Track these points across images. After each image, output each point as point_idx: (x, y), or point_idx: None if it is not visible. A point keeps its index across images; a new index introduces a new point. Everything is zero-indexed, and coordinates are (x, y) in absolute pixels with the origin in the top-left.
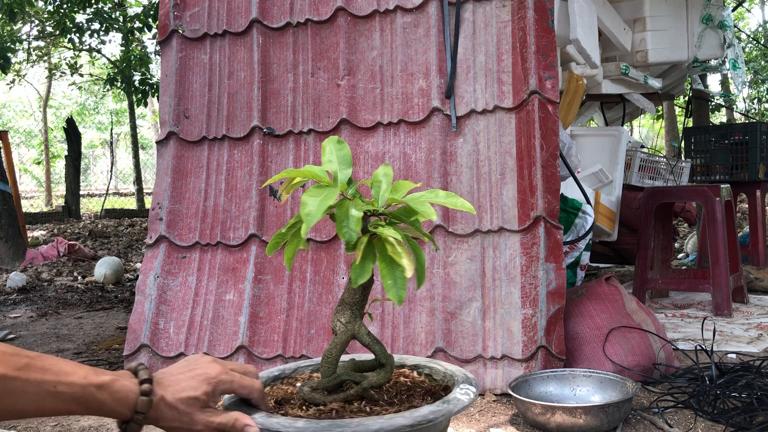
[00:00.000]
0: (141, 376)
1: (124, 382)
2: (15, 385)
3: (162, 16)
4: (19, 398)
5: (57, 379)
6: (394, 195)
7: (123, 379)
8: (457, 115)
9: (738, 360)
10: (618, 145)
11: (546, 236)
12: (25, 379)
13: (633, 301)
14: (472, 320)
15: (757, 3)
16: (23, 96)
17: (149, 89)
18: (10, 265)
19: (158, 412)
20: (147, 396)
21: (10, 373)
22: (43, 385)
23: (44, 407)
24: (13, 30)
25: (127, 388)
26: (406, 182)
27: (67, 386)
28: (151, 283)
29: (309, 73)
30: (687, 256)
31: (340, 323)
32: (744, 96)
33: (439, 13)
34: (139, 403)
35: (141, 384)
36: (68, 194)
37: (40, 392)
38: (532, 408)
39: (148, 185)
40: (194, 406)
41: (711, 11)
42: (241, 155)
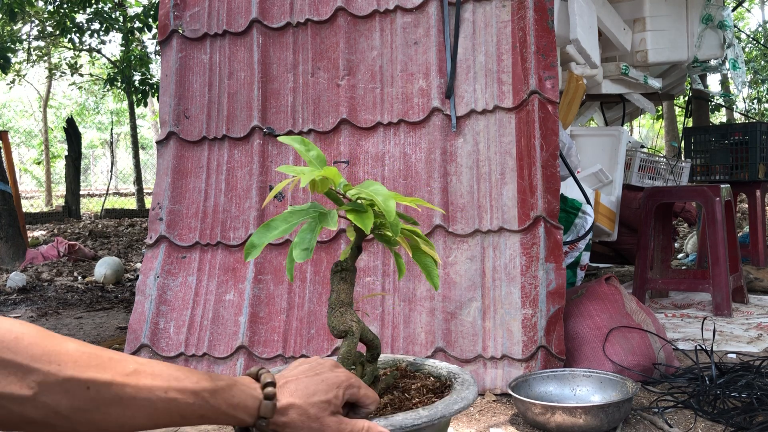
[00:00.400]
0: (264, 379)
1: (243, 387)
2: (123, 392)
3: (162, 16)
4: (128, 406)
5: (168, 384)
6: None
7: (242, 384)
8: (457, 115)
9: (738, 360)
10: (618, 145)
11: (546, 236)
12: (132, 385)
13: (633, 301)
14: (472, 320)
15: (757, 3)
16: (23, 96)
17: (149, 89)
18: (11, 265)
19: (285, 418)
20: (271, 400)
21: (117, 379)
22: (153, 391)
23: (156, 415)
24: (13, 30)
25: (246, 393)
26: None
27: (180, 392)
28: (151, 283)
29: (309, 73)
30: (687, 256)
31: (354, 323)
32: (744, 96)
33: (439, 13)
34: (262, 407)
35: (264, 388)
36: (68, 194)
37: (151, 399)
38: (532, 408)
39: (148, 185)
40: (326, 410)
41: (711, 11)
42: (241, 155)
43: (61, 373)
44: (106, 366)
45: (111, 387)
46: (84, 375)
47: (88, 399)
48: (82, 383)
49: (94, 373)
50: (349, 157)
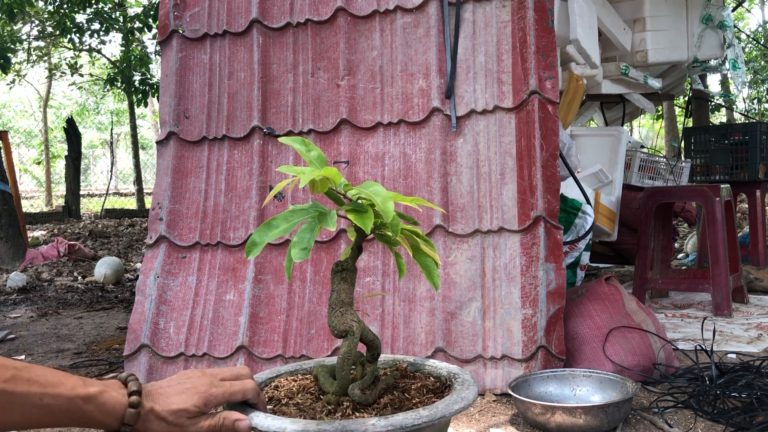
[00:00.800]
0: (130, 387)
1: (112, 394)
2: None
3: (162, 16)
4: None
5: (44, 391)
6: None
7: (111, 390)
8: (457, 115)
9: (738, 360)
10: (618, 145)
11: (546, 236)
12: (10, 392)
13: (633, 301)
14: (472, 320)
15: (757, 3)
16: (23, 96)
17: (149, 89)
18: (11, 265)
19: (146, 424)
20: (135, 408)
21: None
22: (29, 397)
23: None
24: (13, 30)
25: (114, 399)
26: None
27: (54, 398)
28: (151, 283)
29: (309, 73)
30: (687, 256)
31: (354, 323)
32: (744, 96)
33: (439, 13)
34: (126, 415)
35: (129, 396)
36: (68, 194)
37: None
38: (532, 408)
39: (148, 185)
40: (183, 417)
41: (711, 11)
42: (241, 155)
43: None
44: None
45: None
46: None
47: None
48: None
49: None
50: (349, 157)
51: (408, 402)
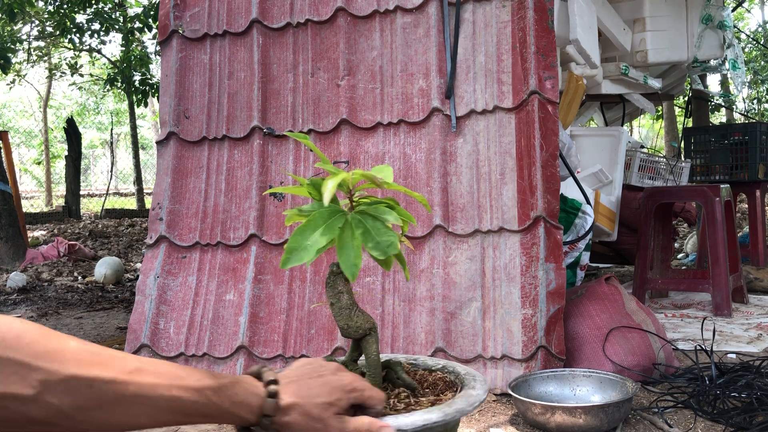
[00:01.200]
0: (266, 377)
1: (245, 385)
2: (126, 390)
3: (162, 16)
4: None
5: (171, 382)
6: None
7: (244, 382)
8: (457, 115)
9: (738, 360)
10: (618, 145)
11: (546, 236)
12: (137, 384)
13: (633, 301)
14: (472, 320)
15: (757, 3)
16: (23, 96)
17: (149, 89)
18: (11, 265)
19: (289, 416)
20: (274, 398)
21: (120, 377)
22: (157, 389)
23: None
24: (14, 30)
25: (248, 390)
26: None
27: (183, 390)
28: (151, 283)
29: (309, 74)
30: (687, 256)
31: (371, 321)
32: (744, 96)
33: (439, 14)
34: (265, 405)
35: (267, 385)
36: (68, 194)
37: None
38: (532, 408)
39: (148, 185)
40: (328, 411)
41: (711, 11)
42: (241, 155)
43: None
44: (108, 364)
45: (114, 385)
46: (86, 373)
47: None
48: (85, 381)
49: (96, 371)
50: (349, 157)
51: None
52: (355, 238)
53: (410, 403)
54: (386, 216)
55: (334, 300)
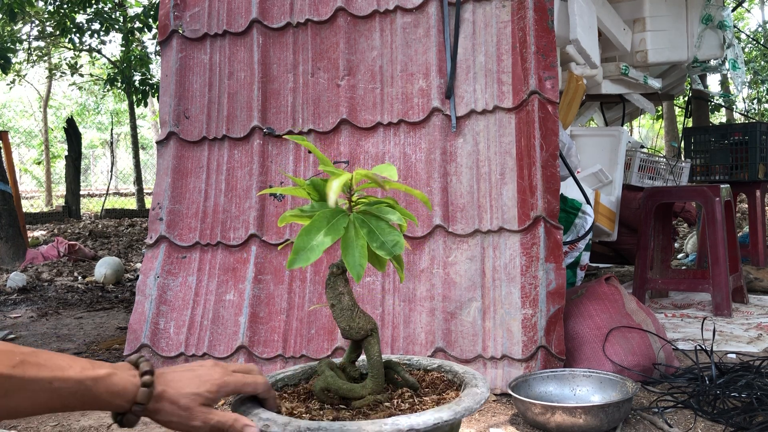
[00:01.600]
0: (142, 368)
1: (123, 375)
2: (11, 384)
3: (162, 16)
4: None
5: (53, 375)
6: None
7: (121, 372)
8: (457, 115)
9: (738, 360)
10: (618, 145)
11: (546, 236)
12: (20, 377)
13: (633, 301)
14: (472, 320)
15: (757, 3)
16: (23, 96)
17: (149, 89)
18: (11, 265)
19: (158, 405)
20: (148, 387)
21: (5, 372)
22: (39, 382)
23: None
24: (14, 30)
25: (125, 380)
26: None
27: (63, 381)
28: (151, 283)
29: (309, 73)
30: (687, 256)
31: (372, 321)
32: (744, 96)
33: (439, 13)
34: (139, 394)
35: (142, 375)
36: (68, 194)
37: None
38: (532, 408)
39: (148, 185)
40: (195, 402)
41: (711, 11)
42: (241, 155)
43: None
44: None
45: None
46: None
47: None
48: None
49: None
50: (349, 158)
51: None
52: (360, 237)
53: (414, 402)
54: (389, 215)
55: (335, 301)
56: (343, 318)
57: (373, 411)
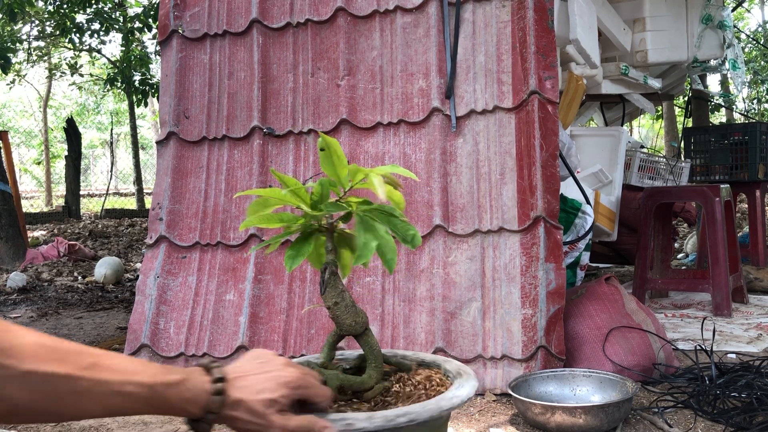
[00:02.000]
0: (214, 374)
1: (195, 381)
2: (81, 385)
3: (162, 16)
4: (85, 398)
5: (125, 378)
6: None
7: (193, 378)
8: (456, 115)
9: (738, 360)
10: (618, 145)
11: (546, 236)
12: (90, 379)
13: (633, 301)
14: (472, 320)
15: (757, 3)
16: (23, 96)
17: (149, 89)
18: (11, 265)
19: (233, 413)
20: (220, 395)
21: (75, 373)
22: (110, 385)
23: (111, 407)
24: (14, 30)
25: (197, 386)
26: None
27: (135, 386)
28: (151, 283)
29: (309, 73)
30: (687, 256)
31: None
32: (744, 96)
33: (439, 13)
34: (210, 402)
35: (214, 383)
36: (68, 194)
37: (107, 392)
38: (532, 408)
39: (148, 185)
40: (272, 408)
41: (711, 11)
42: (241, 155)
43: (20, 366)
44: (64, 359)
45: (69, 380)
46: (43, 369)
47: (46, 392)
48: (41, 377)
49: (52, 367)
50: (349, 157)
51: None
52: (388, 233)
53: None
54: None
55: (338, 299)
56: (349, 314)
57: (392, 398)
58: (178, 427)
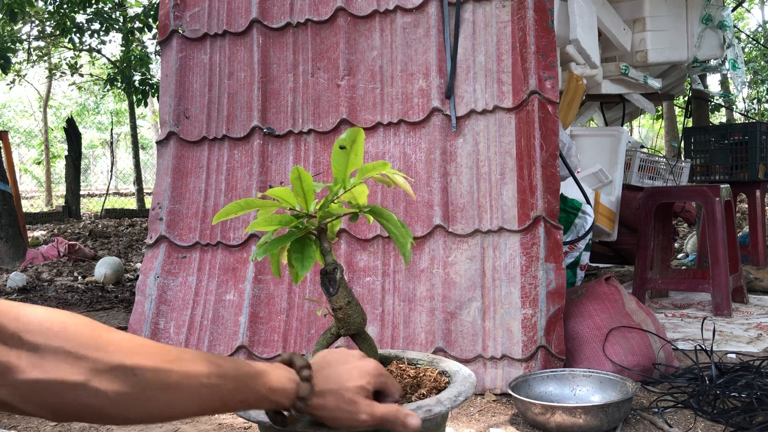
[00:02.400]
0: (299, 363)
1: (279, 372)
2: (170, 378)
3: (162, 16)
4: (175, 392)
5: (210, 370)
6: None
7: (277, 369)
8: (457, 115)
9: (738, 360)
10: (618, 145)
11: (546, 236)
12: (179, 372)
13: (633, 301)
14: (472, 320)
15: (757, 3)
16: (23, 96)
17: (149, 89)
18: (11, 265)
19: (322, 400)
20: (309, 382)
21: (163, 366)
22: (197, 377)
23: (201, 402)
24: (14, 30)
25: (283, 376)
26: None
27: (221, 378)
28: (151, 283)
29: (309, 73)
30: (687, 256)
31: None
32: (744, 96)
33: (439, 13)
34: (301, 389)
35: (300, 371)
36: (68, 194)
37: (195, 385)
38: (532, 408)
39: (148, 185)
40: (360, 394)
41: (711, 11)
42: (241, 155)
43: (109, 359)
44: (150, 353)
45: (157, 373)
46: (131, 361)
47: (135, 384)
48: (129, 369)
49: (140, 360)
50: None
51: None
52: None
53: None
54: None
55: (350, 299)
56: (358, 313)
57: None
58: (178, 427)
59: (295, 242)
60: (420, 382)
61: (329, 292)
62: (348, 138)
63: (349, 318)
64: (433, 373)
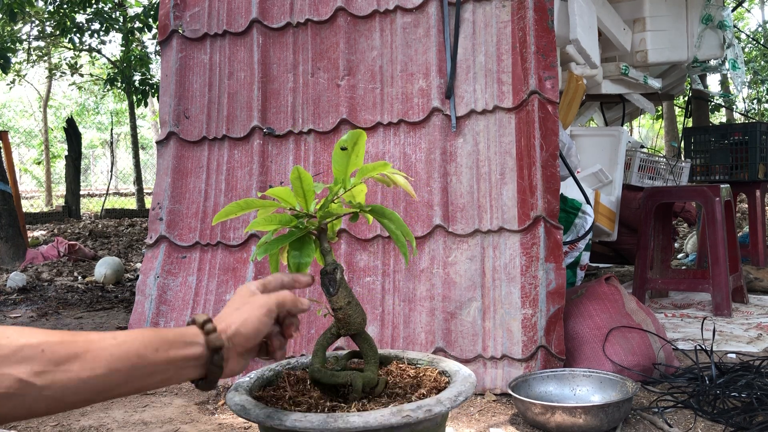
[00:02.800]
0: (199, 318)
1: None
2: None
3: (162, 16)
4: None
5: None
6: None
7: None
8: (457, 115)
9: (738, 360)
10: (618, 145)
11: (546, 236)
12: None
13: (633, 301)
14: (472, 320)
15: (757, 3)
16: (23, 96)
17: (149, 89)
18: (11, 265)
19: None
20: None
21: (68, 338)
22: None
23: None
24: (14, 30)
25: (191, 332)
26: None
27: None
28: (151, 283)
29: (309, 73)
30: (687, 256)
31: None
32: (744, 96)
33: (439, 13)
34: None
35: (204, 325)
36: (68, 194)
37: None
38: (532, 408)
39: (148, 185)
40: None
41: (711, 11)
42: (241, 155)
43: (12, 343)
44: (56, 333)
45: (63, 344)
46: (35, 339)
47: (45, 360)
48: (35, 347)
49: (43, 337)
50: None
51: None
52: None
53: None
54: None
55: (351, 299)
56: (359, 312)
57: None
58: (178, 427)
59: (294, 242)
60: (420, 382)
61: (329, 292)
62: (349, 140)
63: (349, 318)
64: (433, 373)
